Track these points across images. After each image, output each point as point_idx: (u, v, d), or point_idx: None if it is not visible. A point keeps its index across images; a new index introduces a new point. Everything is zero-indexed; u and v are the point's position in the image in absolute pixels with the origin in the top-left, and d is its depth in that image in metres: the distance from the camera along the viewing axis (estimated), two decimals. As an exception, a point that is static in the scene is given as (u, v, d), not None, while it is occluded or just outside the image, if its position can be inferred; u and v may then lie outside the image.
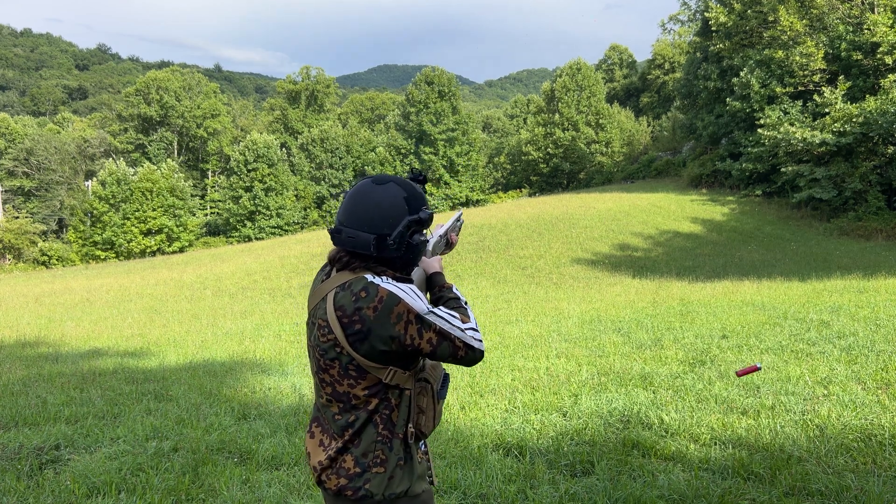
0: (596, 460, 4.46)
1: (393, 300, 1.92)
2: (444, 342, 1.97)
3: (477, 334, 2.04)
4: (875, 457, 4.24)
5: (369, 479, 1.99)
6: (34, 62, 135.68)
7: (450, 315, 2.02)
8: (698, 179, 38.82)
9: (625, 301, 13.69)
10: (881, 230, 25.63)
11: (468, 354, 2.01)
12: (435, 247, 2.45)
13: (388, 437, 2.02)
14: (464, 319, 2.05)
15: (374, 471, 2.00)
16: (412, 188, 2.07)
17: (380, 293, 1.92)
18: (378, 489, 1.99)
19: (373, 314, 1.91)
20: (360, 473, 2.00)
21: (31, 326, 14.99)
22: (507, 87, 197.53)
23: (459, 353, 1.99)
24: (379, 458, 2.01)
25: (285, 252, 32.31)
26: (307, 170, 59.38)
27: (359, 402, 2.02)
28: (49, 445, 5.24)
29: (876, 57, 29.00)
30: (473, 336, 2.02)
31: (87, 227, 51.02)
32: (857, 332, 8.07)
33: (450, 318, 2.00)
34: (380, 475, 2.00)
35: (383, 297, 1.91)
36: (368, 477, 1.99)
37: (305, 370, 8.34)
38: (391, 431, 2.02)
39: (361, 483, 2.00)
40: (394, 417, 2.03)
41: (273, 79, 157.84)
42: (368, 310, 1.91)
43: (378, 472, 2.00)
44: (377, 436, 2.01)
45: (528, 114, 67.14)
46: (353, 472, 2.01)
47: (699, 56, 41.76)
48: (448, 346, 1.98)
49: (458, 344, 1.99)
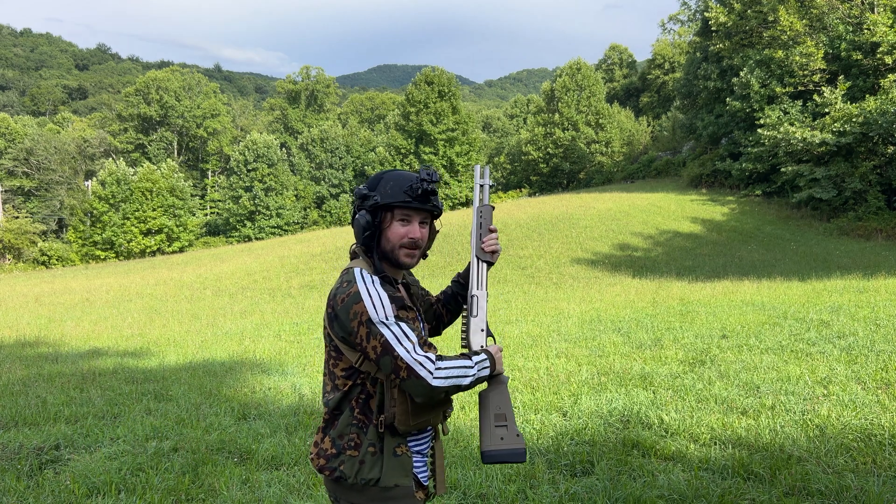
0: (596, 460, 4.46)
1: (355, 299, 1.99)
2: (386, 356, 1.95)
3: (434, 367, 1.95)
4: (875, 457, 4.24)
5: (343, 461, 2.04)
6: (34, 62, 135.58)
7: (405, 333, 1.96)
8: (698, 179, 38.81)
9: (625, 301, 13.68)
10: (881, 230, 25.62)
11: (410, 378, 1.94)
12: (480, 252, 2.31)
13: (364, 422, 2.06)
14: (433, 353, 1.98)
15: (347, 453, 2.04)
16: (392, 174, 2.12)
17: (352, 288, 2.01)
18: (350, 472, 2.03)
19: (341, 304, 2.01)
20: (336, 455, 2.06)
21: (30, 326, 14.99)
22: (507, 87, 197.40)
23: (401, 373, 1.94)
24: (353, 441, 2.05)
25: (285, 252, 32.31)
26: (307, 170, 59.38)
27: (339, 383, 2.09)
28: (49, 445, 5.24)
29: (876, 57, 28.99)
30: (424, 365, 1.94)
31: (86, 227, 51.02)
32: (857, 332, 8.08)
33: (402, 337, 1.96)
34: (352, 458, 2.04)
35: (351, 293, 2.00)
36: (343, 459, 2.05)
37: (305, 370, 8.35)
38: (367, 417, 2.06)
39: (337, 464, 2.05)
40: (371, 404, 2.06)
41: (273, 79, 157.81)
42: (340, 298, 2.02)
43: (351, 455, 2.04)
44: (352, 419, 2.06)
45: (528, 114, 67.11)
46: (329, 453, 2.08)
47: (699, 56, 41.75)
48: (390, 362, 1.95)
49: (401, 364, 1.93)
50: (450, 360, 2.02)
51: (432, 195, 2.12)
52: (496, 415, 2.19)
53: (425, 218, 2.16)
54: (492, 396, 2.21)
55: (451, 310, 2.46)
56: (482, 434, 2.18)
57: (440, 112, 56.27)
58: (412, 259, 2.14)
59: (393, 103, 72.27)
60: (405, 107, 57.94)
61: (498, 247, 2.31)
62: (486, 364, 2.10)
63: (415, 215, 2.12)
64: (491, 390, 2.22)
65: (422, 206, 2.10)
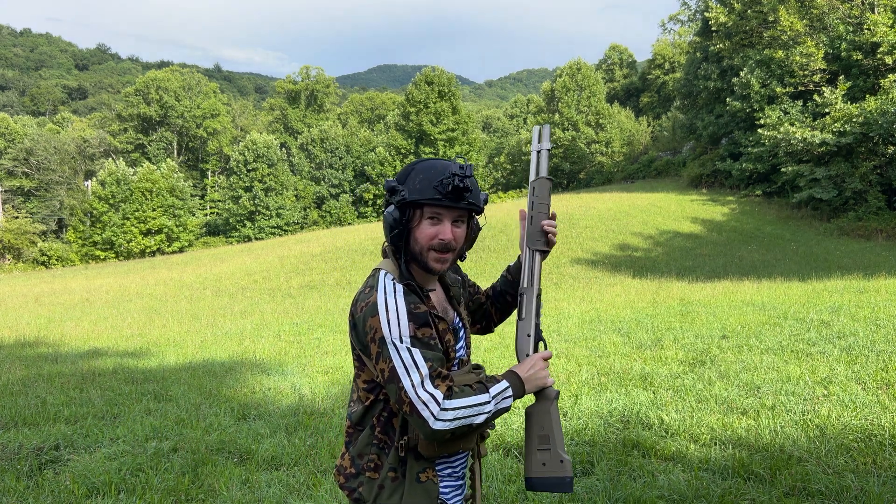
0: (596, 460, 4.46)
1: (372, 311, 1.79)
2: (391, 384, 1.76)
3: (438, 408, 1.72)
4: (875, 457, 4.24)
5: (362, 483, 1.88)
6: (34, 62, 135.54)
7: (416, 363, 1.75)
8: (698, 179, 38.82)
9: (625, 301, 13.68)
10: (881, 230, 25.61)
11: (412, 415, 1.74)
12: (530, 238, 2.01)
13: (386, 442, 1.88)
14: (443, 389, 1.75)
15: (367, 475, 1.88)
16: (424, 164, 1.89)
17: (372, 296, 1.81)
18: (368, 496, 1.86)
19: (360, 312, 1.84)
20: (355, 475, 1.90)
21: (30, 326, 14.98)
22: (507, 87, 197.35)
23: (404, 406, 1.75)
24: (373, 462, 1.88)
25: (285, 252, 32.31)
26: (307, 170, 59.37)
27: (361, 395, 1.92)
28: (49, 445, 5.23)
29: (876, 57, 28.99)
30: (427, 405, 1.72)
31: (86, 227, 51.02)
32: (857, 332, 8.07)
33: (411, 367, 1.74)
34: (372, 481, 1.87)
35: (370, 303, 1.81)
36: (362, 480, 1.89)
37: (305, 370, 8.34)
38: (389, 437, 1.88)
39: (356, 485, 1.90)
40: (395, 423, 1.88)
41: (273, 79, 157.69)
42: (360, 306, 1.85)
43: (370, 478, 1.87)
44: (373, 438, 1.89)
45: (528, 114, 67.13)
46: (349, 472, 1.92)
47: (699, 56, 41.75)
48: (395, 391, 1.76)
49: (404, 397, 1.73)
50: (461, 397, 1.77)
51: (466, 192, 1.84)
52: (540, 436, 1.95)
53: (460, 216, 1.89)
54: (535, 414, 1.97)
55: (500, 308, 2.22)
56: (526, 457, 1.96)
57: (440, 112, 56.28)
58: (443, 264, 1.89)
59: (393, 103, 72.23)
60: (405, 107, 57.94)
61: (554, 232, 2.00)
62: (507, 394, 1.84)
63: (446, 213, 1.86)
64: (536, 407, 1.97)
65: (454, 204, 1.84)
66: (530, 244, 2.01)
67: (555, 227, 2.02)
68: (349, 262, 27.59)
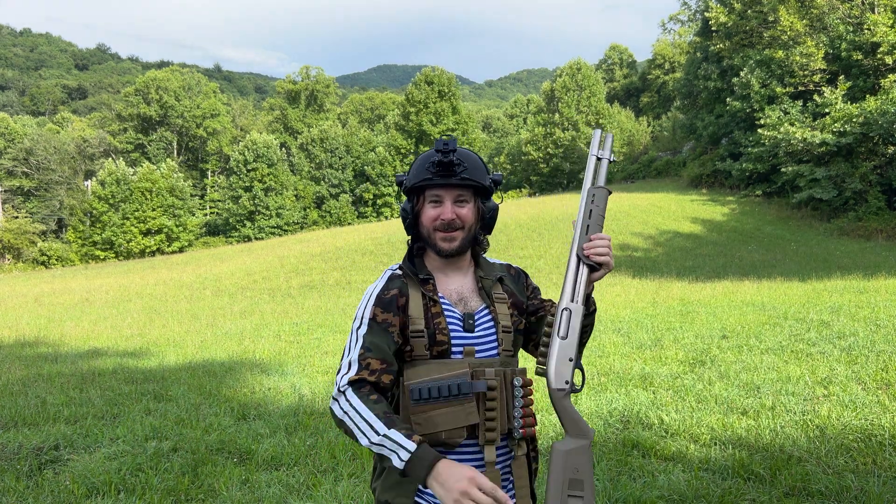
0: (596, 460, 4.46)
1: (365, 293, 1.92)
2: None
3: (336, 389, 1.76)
4: (875, 457, 4.24)
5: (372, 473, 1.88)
6: (34, 62, 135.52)
7: (356, 344, 1.80)
8: (698, 179, 38.82)
9: (625, 301, 13.68)
10: (881, 230, 25.60)
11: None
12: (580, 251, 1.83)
13: None
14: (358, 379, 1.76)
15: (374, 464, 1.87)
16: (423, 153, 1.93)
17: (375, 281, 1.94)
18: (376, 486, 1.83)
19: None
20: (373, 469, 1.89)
21: (30, 326, 14.98)
22: (507, 87, 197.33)
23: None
24: None
25: (285, 252, 32.30)
26: (307, 170, 59.34)
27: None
28: (48, 445, 5.23)
29: (876, 57, 28.99)
30: (338, 385, 1.77)
31: (86, 227, 51.01)
32: (858, 333, 8.07)
33: (352, 346, 1.81)
34: (376, 471, 1.85)
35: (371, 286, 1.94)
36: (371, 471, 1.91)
37: (305, 370, 8.34)
38: None
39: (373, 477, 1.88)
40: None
41: (273, 79, 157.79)
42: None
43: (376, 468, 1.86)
44: None
45: (528, 114, 67.11)
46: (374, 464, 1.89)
47: (699, 56, 41.76)
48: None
49: (342, 364, 1.82)
50: (365, 404, 1.69)
51: (453, 166, 1.82)
52: (572, 480, 1.66)
53: (461, 195, 1.87)
54: (569, 454, 1.67)
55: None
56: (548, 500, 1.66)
57: (440, 112, 56.28)
58: (451, 243, 1.86)
59: (393, 103, 72.24)
60: (405, 107, 57.94)
61: (609, 255, 1.80)
62: (402, 455, 1.60)
63: (446, 194, 1.86)
64: (568, 444, 1.69)
65: (445, 181, 1.83)
66: (581, 256, 1.82)
67: (608, 249, 1.82)
68: (349, 262, 27.58)
